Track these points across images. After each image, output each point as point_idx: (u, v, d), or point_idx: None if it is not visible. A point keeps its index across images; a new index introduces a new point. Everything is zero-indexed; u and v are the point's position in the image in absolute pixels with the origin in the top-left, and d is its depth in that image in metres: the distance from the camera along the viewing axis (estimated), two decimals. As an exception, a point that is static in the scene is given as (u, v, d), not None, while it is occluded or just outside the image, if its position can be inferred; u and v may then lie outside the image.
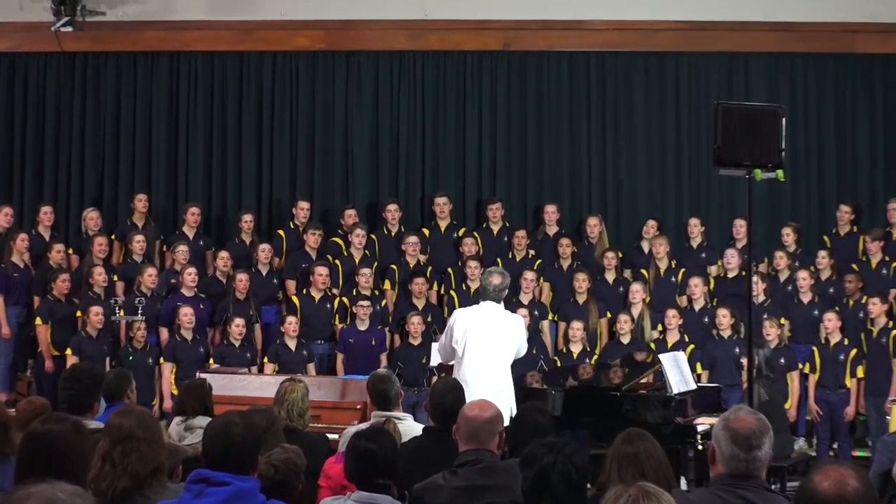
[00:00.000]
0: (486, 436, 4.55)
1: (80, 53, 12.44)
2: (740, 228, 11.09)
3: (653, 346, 10.27)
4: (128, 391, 6.06)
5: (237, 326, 10.38)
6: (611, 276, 11.29)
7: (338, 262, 11.36)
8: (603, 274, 11.29)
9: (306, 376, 9.16)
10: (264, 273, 11.28)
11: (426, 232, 11.81)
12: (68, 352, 10.23)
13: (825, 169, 12.20)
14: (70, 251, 11.43)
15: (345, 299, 10.96)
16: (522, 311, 10.28)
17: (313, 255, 11.33)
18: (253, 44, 12.36)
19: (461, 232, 11.77)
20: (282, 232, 11.81)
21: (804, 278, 10.62)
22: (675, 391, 8.12)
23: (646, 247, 11.57)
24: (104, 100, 12.44)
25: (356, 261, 11.24)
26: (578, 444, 7.93)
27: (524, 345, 7.99)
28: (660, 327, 10.64)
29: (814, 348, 10.24)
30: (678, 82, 12.32)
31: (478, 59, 12.37)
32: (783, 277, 10.96)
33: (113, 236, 11.61)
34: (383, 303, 11.06)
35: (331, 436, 6.59)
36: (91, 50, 12.42)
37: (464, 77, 12.38)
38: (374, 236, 11.61)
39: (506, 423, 4.83)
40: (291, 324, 10.42)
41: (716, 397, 8.90)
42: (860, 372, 10.14)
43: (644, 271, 11.33)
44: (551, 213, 11.73)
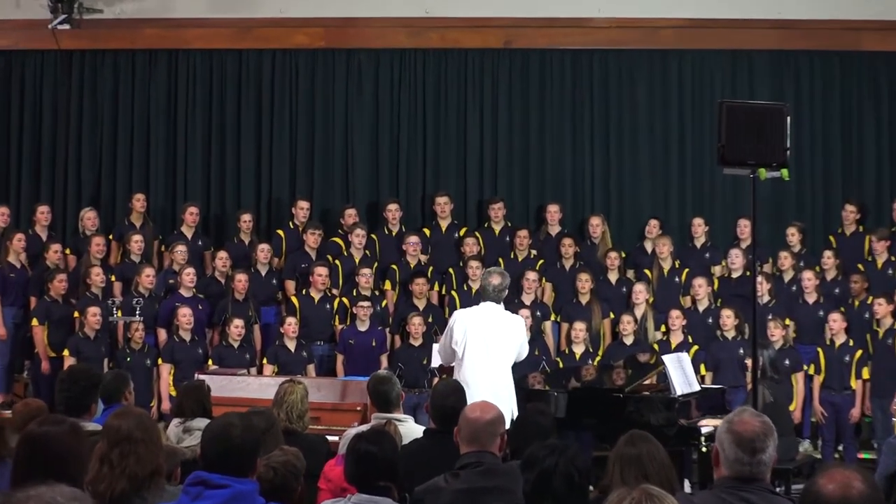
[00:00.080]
0: (487, 438, 4.55)
1: (77, 51, 12.44)
2: (744, 228, 11.07)
3: (656, 347, 10.26)
4: (126, 393, 6.07)
5: (236, 327, 10.37)
6: (613, 276, 11.29)
7: (338, 262, 11.36)
8: (606, 274, 11.29)
9: (306, 377, 9.16)
10: (263, 273, 11.28)
11: (427, 232, 11.81)
12: (65, 353, 10.24)
13: (830, 168, 12.19)
14: (67, 251, 11.44)
15: (345, 300, 10.96)
16: (525, 312, 10.29)
17: (313, 255, 11.33)
18: (252, 42, 12.36)
19: (462, 232, 11.77)
20: (281, 232, 11.81)
21: (809, 278, 10.61)
22: (679, 393, 8.12)
23: (649, 247, 11.56)
24: (102, 98, 12.44)
25: (356, 261, 11.24)
26: (581, 445, 7.97)
27: (525, 346, 7.98)
28: (663, 328, 10.63)
29: (819, 349, 10.23)
30: (681, 80, 12.32)
31: (479, 57, 12.36)
32: (788, 278, 10.96)
33: (111, 236, 11.61)
34: (384, 303, 11.06)
35: (331, 438, 6.59)
36: (88, 48, 12.43)
37: (465, 75, 12.37)
38: (374, 236, 11.61)
39: (507, 425, 4.83)
40: (291, 324, 10.42)
41: (720, 399, 8.90)
42: (866, 373, 10.13)
43: (647, 271, 11.32)
44: (553, 212, 11.73)
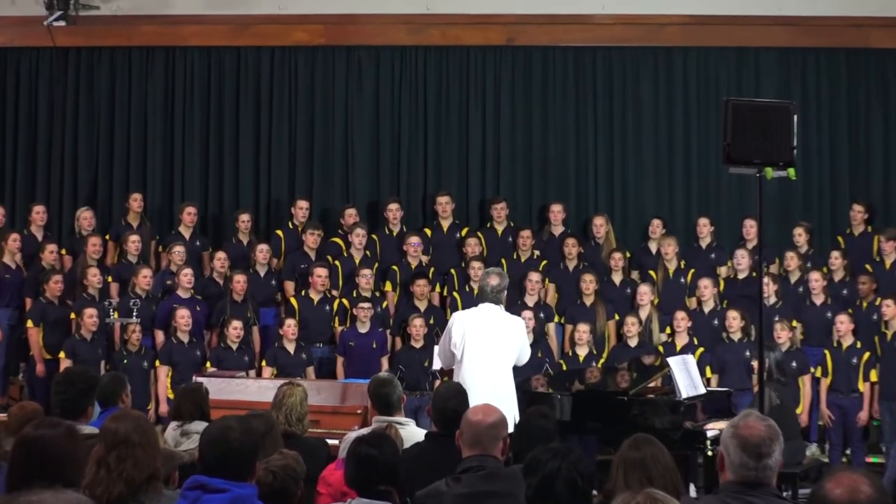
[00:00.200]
0: (489, 441, 4.55)
1: (73, 48, 12.44)
2: (750, 228, 11.07)
3: (661, 349, 10.26)
4: (122, 395, 6.08)
5: (235, 329, 10.37)
6: (618, 277, 11.29)
7: (337, 262, 11.36)
8: (610, 275, 11.29)
9: (305, 380, 9.18)
10: (262, 274, 11.28)
11: (428, 232, 11.81)
12: (61, 355, 10.24)
13: (838, 167, 12.19)
14: (63, 252, 11.44)
15: (345, 301, 10.96)
16: (527, 314, 10.29)
17: (312, 255, 11.33)
18: (251, 38, 12.36)
19: (464, 232, 11.77)
20: (280, 232, 11.81)
21: (816, 279, 10.60)
22: (684, 395, 8.12)
23: (653, 247, 11.55)
24: (98, 96, 12.44)
25: (356, 261, 11.24)
26: (585, 449, 7.97)
27: (526, 348, 7.97)
28: (668, 330, 10.63)
29: (826, 351, 10.21)
30: (686, 78, 12.31)
31: (481, 54, 12.36)
32: (794, 279, 10.95)
33: (107, 236, 11.62)
34: (384, 304, 11.06)
35: (331, 441, 6.59)
36: (84, 45, 12.43)
37: (467, 73, 12.37)
38: (374, 236, 11.61)
39: (509, 428, 4.83)
40: (290, 326, 10.42)
41: (726, 402, 8.89)
42: (873, 375, 10.11)
43: (652, 272, 11.32)
44: (557, 212, 11.73)
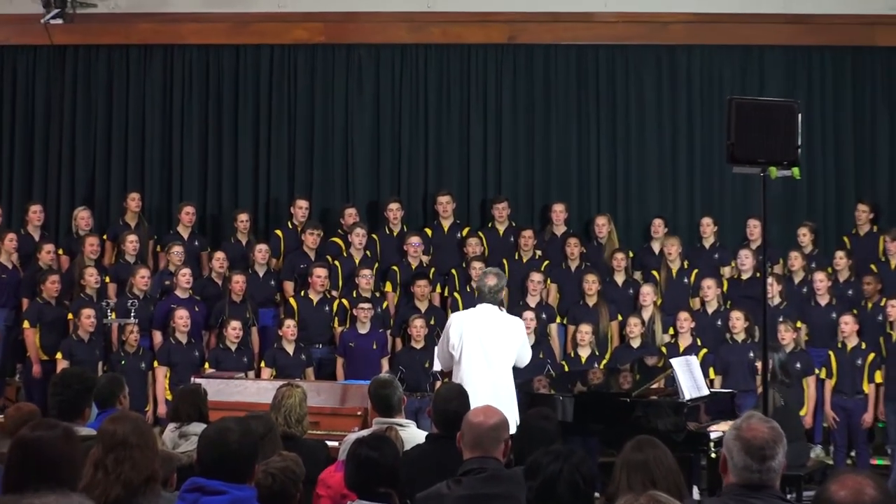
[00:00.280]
0: (491, 443, 4.56)
1: (70, 47, 12.45)
2: (754, 228, 11.08)
3: (664, 350, 10.26)
4: (120, 397, 6.08)
5: (233, 329, 10.37)
6: (620, 277, 11.29)
7: (337, 262, 11.36)
8: (612, 275, 11.29)
9: (305, 381, 9.18)
10: (261, 274, 11.28)
11: (429, 232, 11.81)
12: (58, 356, 10.23)
13: (843, 166, 12.19)
14: (60, 252, 11.43)
15: (344, 301, 10.96)
16: (529, 315, 10.31)
17: (312, 255, 11.33)
18: (249, 37, 12.36)
19: (465, 232, 11.77)
20: (279, 232, 11.81)
21: (821, 280, 10.60)
22: (688, 397, 8.12)
23: (656, 247, 11.55)
24: (95, 95, 12.44)
25: (356, 262, 11.24)
26: (587, 451, 7.97)
27: (526, 349, 7.97)
28: (671, 331, 10.63)
29: (830, 353, 10.22)
30: (690, 77, 12.32)
31: (482, 52, 12.37)
32: (798, 279, 10.95)
33: (105, 236, 11.62)
34: (384, 305, 11.06)
35: (330, 443, 6.59)
36: (82, 43, 12.43)
37: (468, 71, 12.37)
38: (374, 236, 11.61)
39: (511, 429, 4.83)
40: (289, 327, 10.42)
41: (729, 403, 8.89)
42: (878, 377, 10.11)
43: (655, 273, 11.32)
44: (559, 212, 11.73)
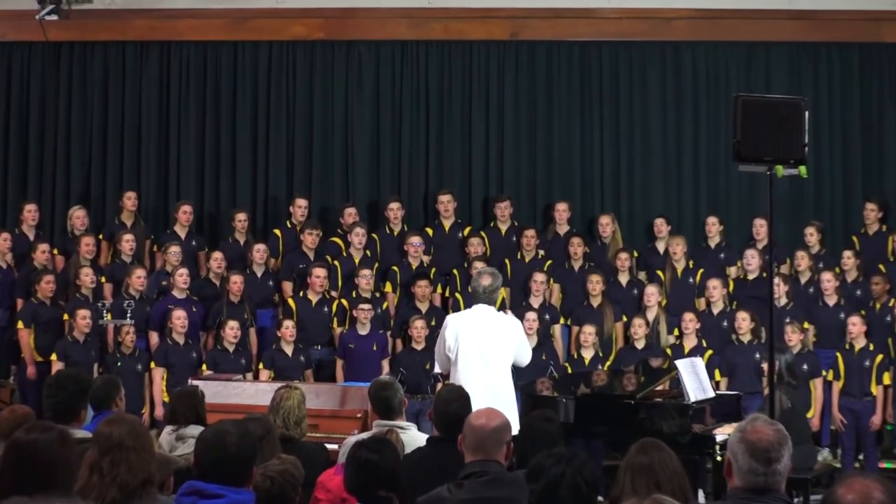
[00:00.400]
0: (493, 446, 4.55)
1: (65, 43, 12.44)
2: (760, 228, 11.06)
3: (669, 351, 10.27)
4: (116, 399, 6.09)
5: (231, 330, 10.37)
6: (624, 277, 11.29)
7: (337, 262, 11.36)
8: (616, 276, 11.29)
9: (304, 383, 9.18)
10: (259, 274, 11.28)
11: (430, 231, 11.80)
12: (53, 357, 10.24)
13: (850, 165, 12.17)
14: (55, 251, 11.44)
15: (344, 302, 10.96)
16: (531, 315, 10.31)
17: (311, 255, 11.33)
18: (247, 33, 12.36)
19: (467, 231, 11.77)
20: (278, 231, 11.80)
21: (829, 280, 10.58)
22: (693, 399, 8.11)
23: (661, 247, 11.54)
24: (91, 92, 12.44)
25: (356, 262, 11.24)
26: (591, 454, 7.97)
27: (524, 349, 7.98)
28: (676, 332, 10.62)
29: (837, 354, 10.21)
30: (695, 74, 12.30)
31: (484, 49, 12.36)
32: (804, 279, 10.94)
33: (100, 236, 11.61)
34: (384, 306, 11.06)
35: (330, 446, 6.60)
36: (77, 39, 12.43)
37: (469, 68, 12.36)
38: (374, 236, 11.61)
39: (512, 431, 4.83)
40: (288, 328, 10.42)
41: (735, 405, 8.89)
42: (887, 378, 10.11)
43: (660, 273, 11.31)
44: (562, 211, 11.72)
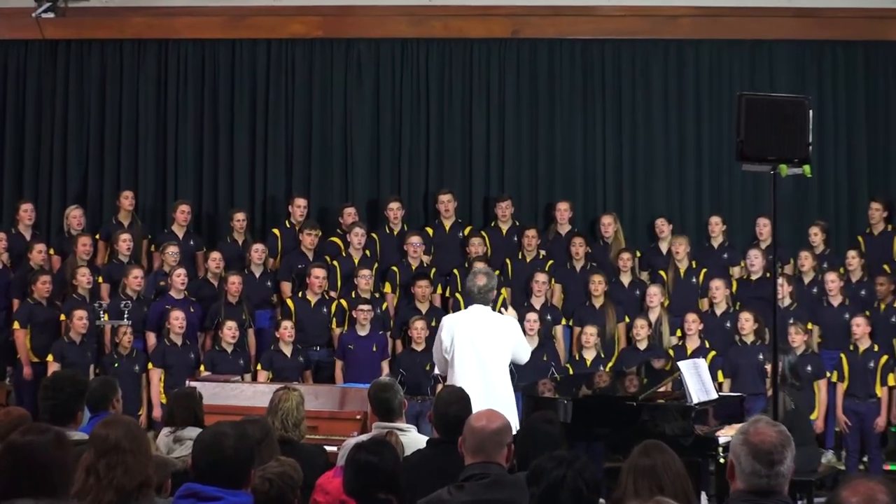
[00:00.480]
0: (493, 448, 4.55)
1: (62, 41, 12.44)
2: (764, 228, 11.08)
3: (671, 352, 10.26)
4: (113, 400, 6.09)
5: (229, 331, 10.37)
6: (626, 278, 11.29)
7: (336, 263, 11.36)
8: (618, 276, 11.29)
9: (302, 384, 9.18)
10: (258, 275, 11.28)
11: (430, 231, 11.80)
12: (49, 358, 10.23)
13: (855, 164, 12.17)
14: (52, 251, 11.44)
15: (343, 302, 10.96)
16: (533, 316, 10.31)
17: (310, 255, 11.33)
18: (246, 31, 12.36)
19: (467, 231, 11.77)
20: (276, 231, 11.80)
21: (833, 280, 10.58)
22: (696, 401, 8.11)
23: (664, 247, 11.55)
24: (88, 90, 12.43)
25: (355, 262, 11.24)
26: (592, 456, 7.96)
27: (521, 347, 7.98)
28: (679, 333, 10.63)
29: (842, 355, 10.21)
30: (698, 72, 12.30)
31: (485, 47, 12.36)
32: (808, 279, 10.94)
33: (97, 236, 11.61)
34: (384, 306, 11.06)
35: (329, 448, 6.60)
36: (74, 37, 12.42)
37: (470, 66, 12.36)
38: (374, 236, 11.61)
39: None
40: (286, 329, 10.43)
41: (738, 407, 8.89)
42: (892, 380, 10.11)
43: (662, 273, 11.31)
44: (563, 210, 11.72)
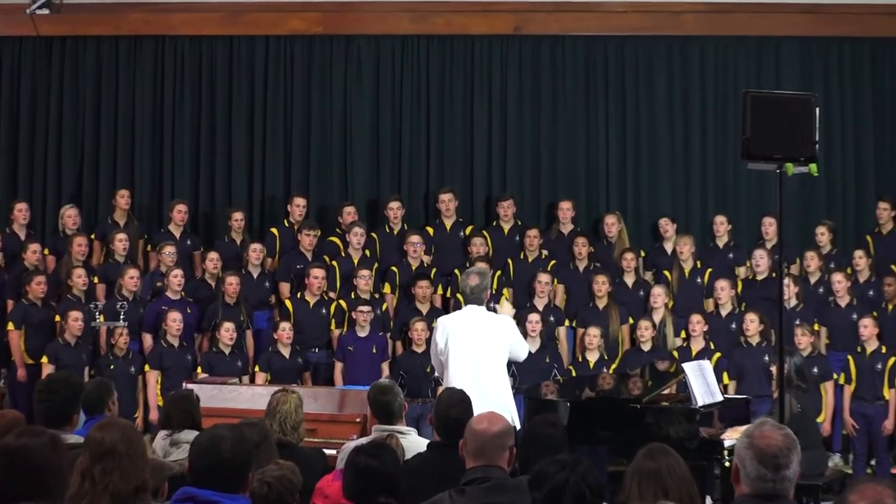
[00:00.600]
0: (495, 451, 4.55)
1: (57, 38, 12.44)
2: (770, 227, 11.07)
3: (676, 354, 10.26)
4: (109, 403, 6.08)
5: (227, 332, 10.37)
6: (630, 278, 11.28)
7: (335, 263, 11.36)
8: (622, 276, 11.28)
9: (301, 387, 9.17)
10: (255, 275, 11.28)
11: (430, 231, 11.80)
12: (44, 360, 10.24)
13: (863, 162, 12.17)
14: (46, 251, 11.43)
15: (342, 303, 10.96)
16: (535, 317, 10.31)
17: (309, 255, 11.33)
18: (244, 27, 12.36)
19: (469, 231, 11.76)
20: (275, 231, 11.79)
21: (839, 281, 10.57)
22: (700, 403, 8.11)
23: (668, 247, 11.54)
24: (83, 88, 12.43)
25: (355, 262, 11.24)
26: (595, 459, 7.95)
27: (518, 345, 7.98)
28: (683, 334, 10.62)
29: (849, 357, 10.20)
30: (703, 69, 12.30)
31: (487, 43, 12.36)
32: (814, 280, 10.93)
33: (93, 235, 11.62)
34: (384, 307, 11.05)
35: (328, 451, 6.59)
36: (69, 34, 12.42)
37: (472, 63, 12.36)
38: (374, 235, 11.61)
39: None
40: (285, 330, 10.43)
41: (744, 410, 8.89)
42: (900, 382, 10.12)
43: (667, 273, 11.30)
44: (566, 210, 11.72)
